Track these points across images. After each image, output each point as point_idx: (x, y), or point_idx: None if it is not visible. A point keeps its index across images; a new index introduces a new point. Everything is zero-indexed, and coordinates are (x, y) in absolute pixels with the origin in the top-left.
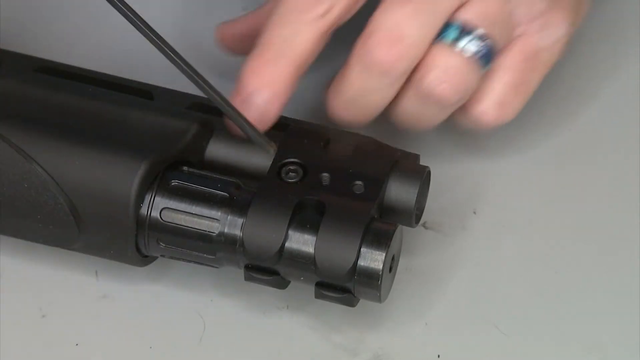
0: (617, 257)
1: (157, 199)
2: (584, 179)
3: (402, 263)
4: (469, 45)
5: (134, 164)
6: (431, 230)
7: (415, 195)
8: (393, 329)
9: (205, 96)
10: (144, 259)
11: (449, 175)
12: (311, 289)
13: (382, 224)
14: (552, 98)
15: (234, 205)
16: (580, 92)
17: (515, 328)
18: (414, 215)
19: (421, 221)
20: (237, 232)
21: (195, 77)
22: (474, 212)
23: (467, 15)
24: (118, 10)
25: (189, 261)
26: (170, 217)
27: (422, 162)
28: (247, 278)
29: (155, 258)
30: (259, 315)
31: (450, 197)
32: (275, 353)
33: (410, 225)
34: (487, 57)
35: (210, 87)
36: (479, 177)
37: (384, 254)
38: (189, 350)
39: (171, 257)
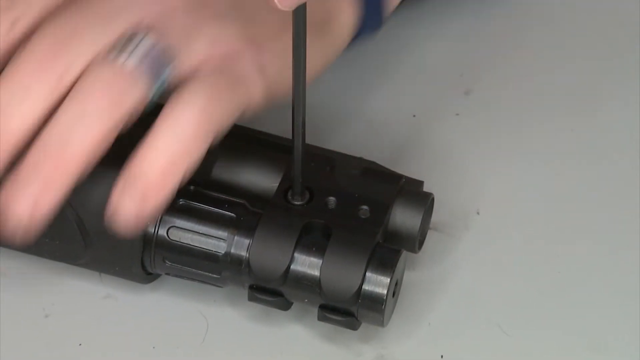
0: (619, 257)
1: (165, 217)
2: (586, 179)
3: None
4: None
5: None
6: (435, 230)
7: (420, 222)
8: (396, 329)
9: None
10: (148, 277)
11: (452, 175)
12: None
13: (388, 249)
14: (553, 98)
15: (241, 226)
16: (582, 93)
17: (518, 328)
18: (417, 241)
19: None
20: (243, 253)
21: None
22: (478, 213)
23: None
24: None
25: (194, 280)
26: (177, 236)
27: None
28: (251, 298)
29: (158, 276)
30: (262, 316)
31: (453, 198)
32: (278, 353)
33: (413, 250)
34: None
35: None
36: (482, 178)
37: (389, 279)
38: (192, 350)
39: (175, 275)
